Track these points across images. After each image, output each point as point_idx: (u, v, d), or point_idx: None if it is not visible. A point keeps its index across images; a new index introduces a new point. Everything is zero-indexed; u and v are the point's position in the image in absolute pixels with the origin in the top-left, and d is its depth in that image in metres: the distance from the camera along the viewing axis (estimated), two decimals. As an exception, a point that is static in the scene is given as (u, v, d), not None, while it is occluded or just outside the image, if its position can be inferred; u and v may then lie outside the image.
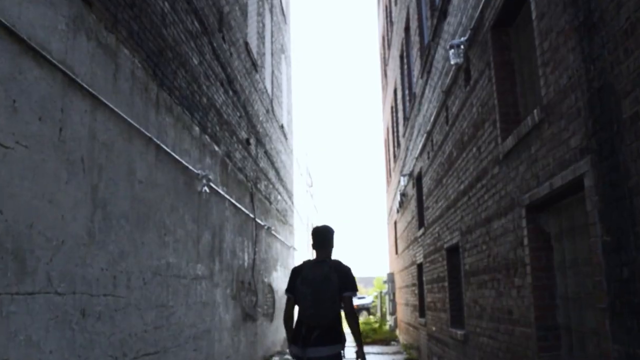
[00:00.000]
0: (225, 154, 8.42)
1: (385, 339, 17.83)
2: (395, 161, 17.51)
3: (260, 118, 12.17)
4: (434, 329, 9.05)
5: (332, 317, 4.14)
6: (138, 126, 4.79)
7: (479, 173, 5.86)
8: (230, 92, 8.87)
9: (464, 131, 6.48)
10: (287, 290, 4.38)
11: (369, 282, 57.36)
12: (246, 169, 10.16)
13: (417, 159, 10.80)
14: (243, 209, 9.58)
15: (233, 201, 8.80)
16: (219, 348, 7.54)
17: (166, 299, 5.42)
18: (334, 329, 4.17)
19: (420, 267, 11.40)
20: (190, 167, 6.34)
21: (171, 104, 5.79)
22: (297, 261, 18.72)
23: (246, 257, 9.79)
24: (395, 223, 18.19)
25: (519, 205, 4.53)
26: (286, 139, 17.36)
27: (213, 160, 7.61)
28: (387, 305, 20.23)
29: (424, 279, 10.17)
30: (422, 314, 11.30)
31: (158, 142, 5.25)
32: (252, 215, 10.44)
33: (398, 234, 16.96)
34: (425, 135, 9.41)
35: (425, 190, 9.81)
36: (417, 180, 11.14)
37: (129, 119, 4.59)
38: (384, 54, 20.77)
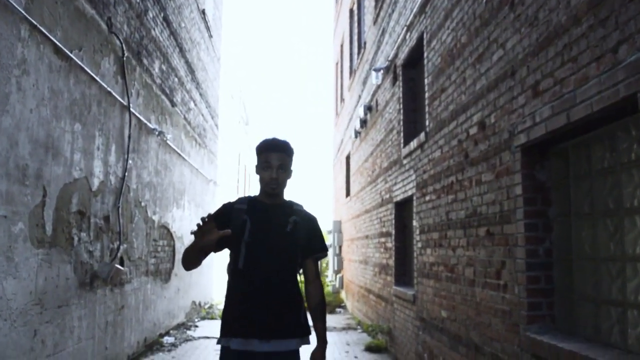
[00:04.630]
0: None
1: (328, 303, 13.81)
2: (352, 76, 13.14)
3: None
4: (444, 315, 4.93)
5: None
6: None
7: None
8: None
9: None
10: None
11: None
12: (110, 10, 5.48)
13: (410, 23, 6.45)
14: (91, 72, 4.95)
15: (53, 39, 4.15)
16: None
17: None
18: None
19: (404, 205, 7.21)
20: None
21: None
22: (220, 202, 14.26)
23: (98, 169, 5.22)
24: (348, 157, 13.97)
25: None
26: (210, 36, 12.59)
27: None
28: (333, 261, 16.20)
29: (418, 223, 6.00)
30: (402, 280, 7.18)
31: None
32: (120, 99, 5.81)
33: (353, 170, 12.77)
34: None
35: (435, 63, 5.52)
36: (409, 64, 6.79)
37: None
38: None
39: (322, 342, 2.59)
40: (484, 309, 4.00)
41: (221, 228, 2.42)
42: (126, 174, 6.00)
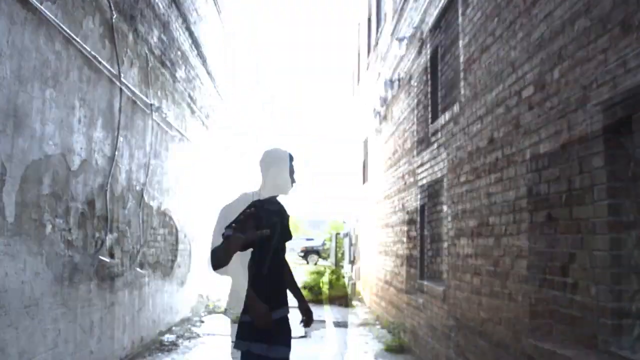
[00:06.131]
0: None
1: (343, 296, 13.03)
2: (370, 53, 12.30)
3: None
4: (485, 316, 4.11)
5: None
6: None
7: None
8: None
9: None
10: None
11: (317, 226, 52.39)
12: (92, -39, 4.72)
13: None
14: (69, 30, 4.20)
15: (10, -19, 3.41)
16: None
17: None
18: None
19: (432, 188, 6.41)
20: None
21: None
22: (233, 190, 13.53)
23: (79, 145, 4.49)
24: (366, 142, 13.18)
25: None
26: (219, 11, 11.79)
27: None
28: (349, 252, 15.44)
29: (451, 209, 5.21)
30: (428, 274, 6.39)
31: None
32: (109, 67, 5.07)
33: (371, 154, 11.97)
34: None
35: (474, 19, 4.71)
36: (438, 27, 5.95)
37: None
38: None
39: (304, 299, 3.36)
40: (542, 313, 3.22)
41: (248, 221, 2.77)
42: (116, 152, 5.28)
